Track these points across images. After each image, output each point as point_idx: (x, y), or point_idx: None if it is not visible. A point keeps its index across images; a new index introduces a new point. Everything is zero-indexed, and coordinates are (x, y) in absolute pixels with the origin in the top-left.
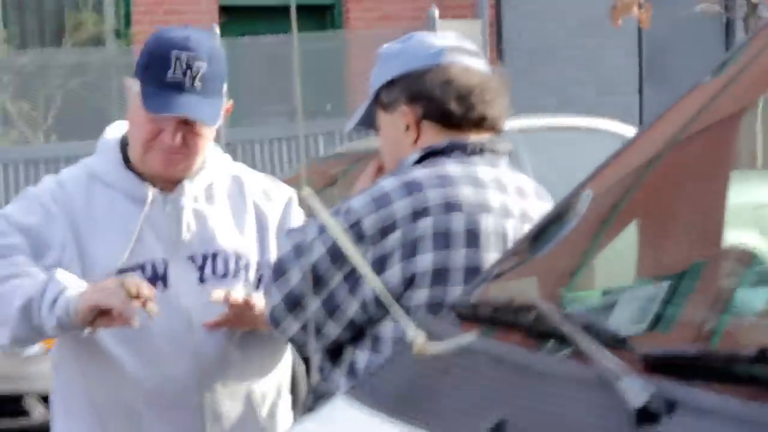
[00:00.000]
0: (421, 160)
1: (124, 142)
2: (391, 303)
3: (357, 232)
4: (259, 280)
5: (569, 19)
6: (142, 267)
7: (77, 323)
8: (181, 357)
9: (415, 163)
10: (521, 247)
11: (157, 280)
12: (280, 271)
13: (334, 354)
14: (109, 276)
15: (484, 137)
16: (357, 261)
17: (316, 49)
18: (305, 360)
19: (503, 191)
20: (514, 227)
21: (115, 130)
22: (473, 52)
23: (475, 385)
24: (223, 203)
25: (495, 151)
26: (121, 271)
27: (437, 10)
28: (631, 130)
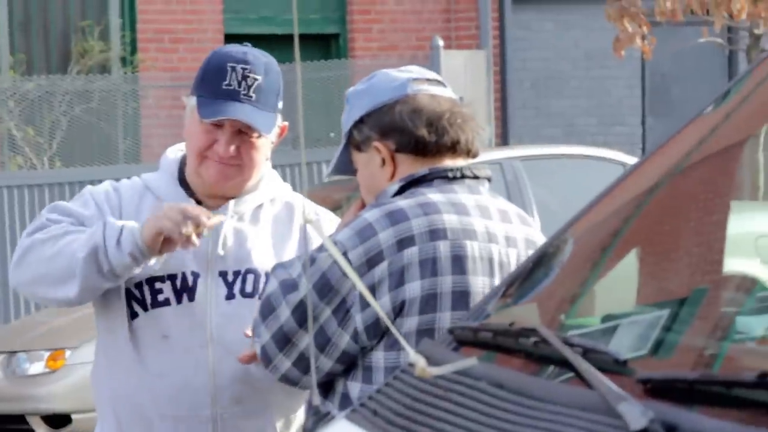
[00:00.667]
0: (401, 191)
1: (183, 161)
2: (391, 328)
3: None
4: None
5: (573, 50)
6: (172, 277)
7: (148, 253)
8: (197, 370)
9: (396, 194)
10: (522, 274)
11: (185, 291)
12: (268, 308)
13: (325, 386)
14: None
15: (461, 163)
16: (359, 286)
17: (320, 78)
18: None
19: (486, 216)
20: (499, 252)
21: (176, 149)
22: (437, 81)
23: (475, 410)
24: (267, 225)
25: (476, 177)
26: (150, 279)
27: (441, 41)
28: (633, 160)
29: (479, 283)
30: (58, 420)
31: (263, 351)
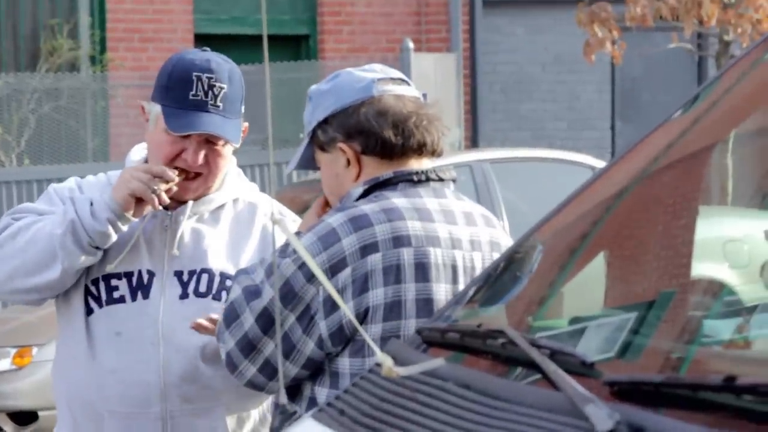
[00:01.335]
0: (366, 193)
1: (146, 161)
2: (360, 330)
3: (306, 271)
4: None
5: (543, 54)
6: (128, 275)
7: (123, 216)
8: (148, 367)
9: (361, 196)
10: (490, 277)
11: (140, 289)
12: (232, 315)
13: (292, 390)
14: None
15: (427, 164)
16: (329, 288)
17: (289, 79)
18: None
19: (451, 221)
20: (463, 257)
21: (140, 148)
22: (402, 80)
23: (442, 410)
24: (226, 226)
25: (441, 179)
26: (107, 276)
27: (411, 44)
28: (602, 164)
29: (442, 290)
30: (25, 417)
31: (228, 357)
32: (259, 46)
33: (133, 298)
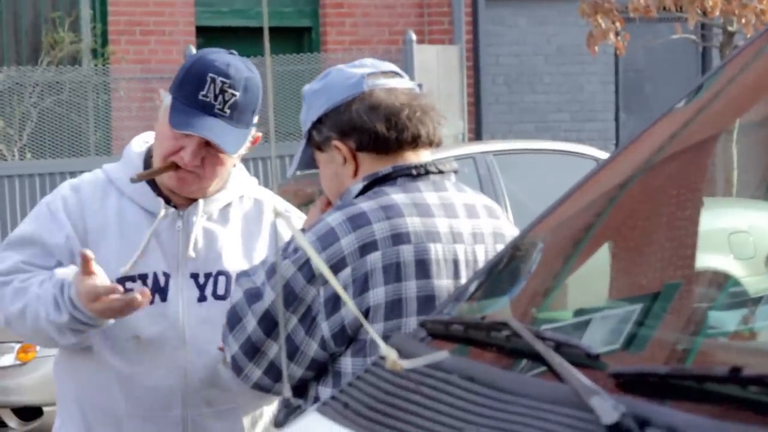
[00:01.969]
0: (365, 190)
1: (148, 154)
2: (366, 326)
3: (306, 273)
4: None
5: (546, 45)
6: (143, 277)
7: (85, 312)
8: (169, 371)
9: (360, 193)
10: (494, 269)
11: (156, 292)
12: (234, 319)
13: (298, 390)
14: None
15: (427, 157)
16: (334, 284)
17: (292, 71)
18: None
19: (452, 215)
20: (465, 251)
21: (141, 140)
22: (393, 73)
23: (447, 403)
24: (237, 225)
25: (441, 172)
26: (122, 279)
27: (414, 36)
28: (606, 155)
29: (444, 286)
30: (30, 412)
31: (233, 361)
32: (260, 38)
33: (151, 302)
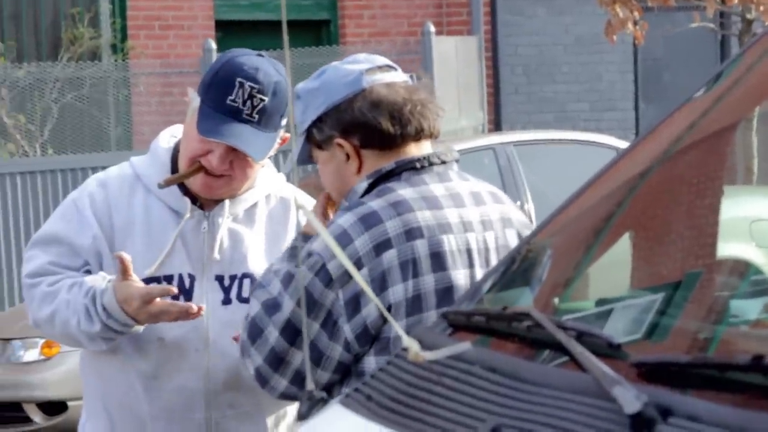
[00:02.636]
0: (370, 187)
1: (176, 150)
2: (390, 320)
3: (323, 277)
4: None
5: (565, 35)
6: (168, 278)
7: (119, 319)
8: (192, 373)
9: (365, 192)
10: (514, 259)
11: (181, 294)
12: (255, 331)
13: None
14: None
15: (427, 149)
16: (358, 278)
17: (311, 64)
18: None
19: (459, 204)
20: (476, 239)
21: (169, 135)
22: (388, 67)
23: (469, 394)
24: (262, 225)
25: (444, 162)
26: (147, 280)
27: (433, 27)
28: (626, 145)
29: (461, 276)
30: (54, 407)
31: (258, 373)
32: (279, 31)
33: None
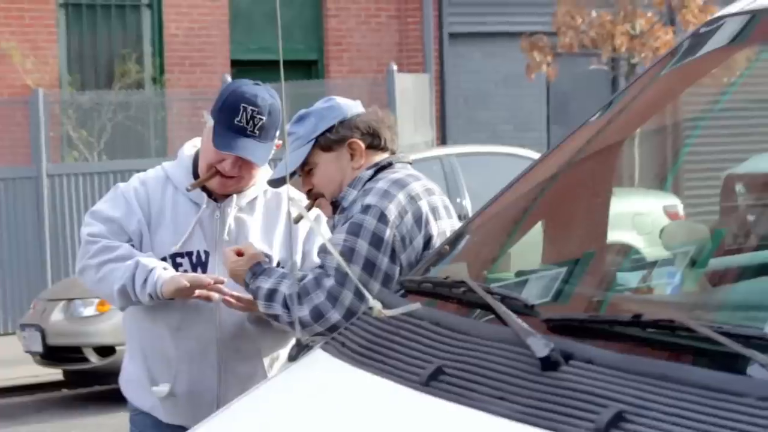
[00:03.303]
0: (373, 176)
1: (196, 156)
2: (349, 273)
3: (384, 219)
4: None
5: (495, 74)
6: (189, 254)
7: (164, 299)
8: (207, 325)
9: (370, 178)
10: (454, 241)
11: (199, 265)
12: (340, 276)
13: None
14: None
15: (398, 155)
16: (332, 250)
17: (302, 93)
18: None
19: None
20: (442, 201)
21: (191, 145)
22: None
23: (420, 342)
24: (260, 214)
25: (410, 163)
26: (174, 255)
27: (395, 66)
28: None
29: (446, 225)
30: (106, 350)
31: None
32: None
33: (195, 272)
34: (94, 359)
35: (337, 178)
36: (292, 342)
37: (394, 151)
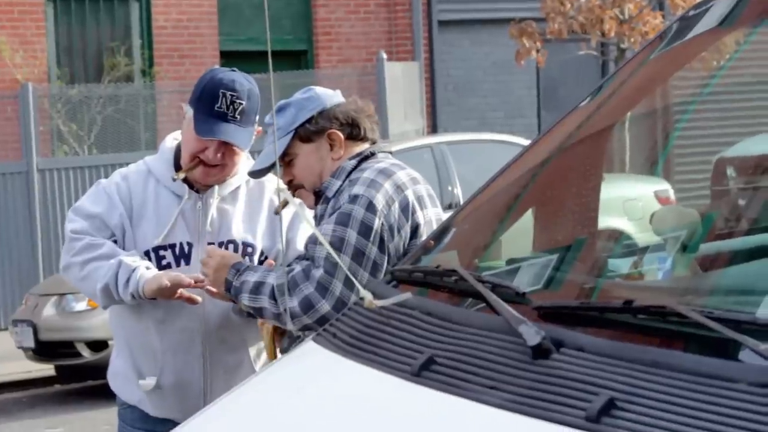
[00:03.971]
0: (356, 166)
1: (177, 149)
2: (339, 262)
3: (373, 208)
4: (262, 261)
5: (485, 61)
6: (172, 246)
7: (146, 299)
8: (191, 317)
9: (353, 168)
10: (445, 229)
11: (182, 257)
12: (329, 266)
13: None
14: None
15: (379, 144)
16: (321, 239)
17: (292, 84)
18: None
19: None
20: (427, 190)
21: (171, 138)
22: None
23: (411, 332)
24: (242, 203)
25: (390, 152)
26: (157, 248)
27: (385, 55)
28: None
29: (432, 213)
30: (98, 345)
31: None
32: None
33: (178, 264)
34: (87, 354)
35: (317, 168)
36: None
37: (374, 141)
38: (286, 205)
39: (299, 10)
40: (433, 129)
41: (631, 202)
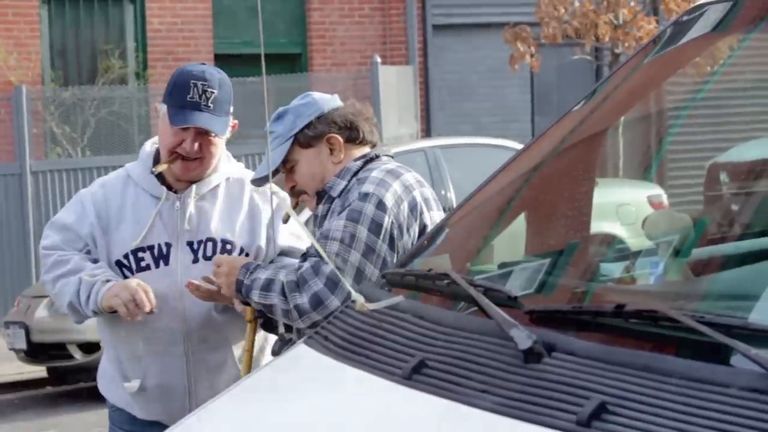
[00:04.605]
0: (362, 167)
1: (157, 152)
2: (324, 257)
3: (383, 206)
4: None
5: (479, 65)
6: (150, 248)
7: (105, 313)
8: (172, 317)
9: (359, 169)
10: (437, 233)
11: (161, 258)
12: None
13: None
14: (125, 253)
15: (380, 147)
16: (312, 239)
17: (286, 87)
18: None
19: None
20: (431, 193)
21: (151, 143)
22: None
23: (402, 335)
24: (222, 201)
25: (392, 156)
26: (135, 250)
27: (379, 59)
28: None
29: (436, 216)
30: (90, 347)
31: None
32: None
33: (157, 266)
34: (79, 356)
35: (319, 174)
36: (261, 336)
37: (374, 144)
38: (288, 218)
39: (294, 13)
40: (427, 133)
41: (623, 207)
